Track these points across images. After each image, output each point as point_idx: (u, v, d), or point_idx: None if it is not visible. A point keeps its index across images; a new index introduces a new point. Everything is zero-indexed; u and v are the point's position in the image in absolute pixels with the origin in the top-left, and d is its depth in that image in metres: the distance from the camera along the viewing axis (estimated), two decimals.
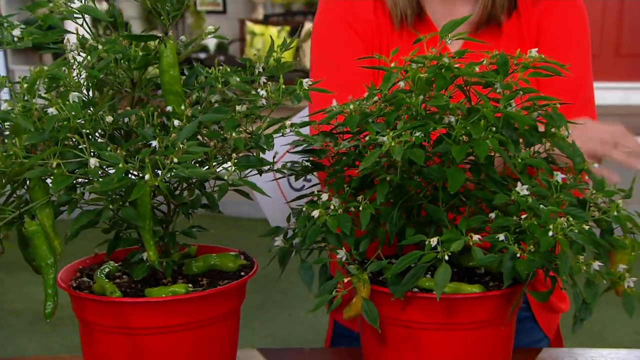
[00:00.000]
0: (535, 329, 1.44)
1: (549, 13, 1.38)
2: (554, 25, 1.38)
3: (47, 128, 0.77)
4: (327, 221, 0.88)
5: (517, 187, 0.86)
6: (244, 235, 4.09)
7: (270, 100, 0.90)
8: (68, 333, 3.90)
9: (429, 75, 0.89)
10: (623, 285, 0.87)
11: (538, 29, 1.38)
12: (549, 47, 1.30)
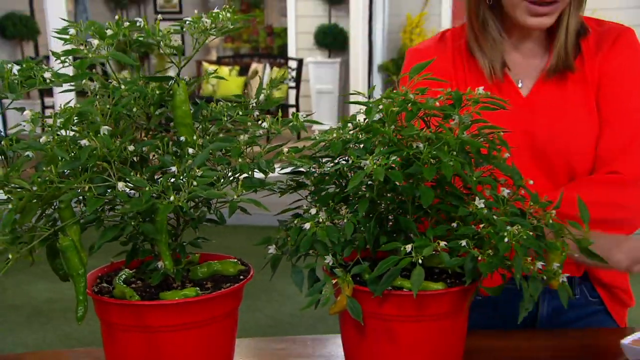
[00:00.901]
0: (608, 321, 1.42)
1: (611, 57, 1.34)
2: (616, 72, 1.34)
3: (83, 157, 0.77)
4: (317, 232, 0.89)
5: (475, 201, 0.89)
6: (239, 242, 4.05)
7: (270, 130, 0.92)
8: (60, 324, 3.83)
9: (399, 108, 0.91)
10: (558, 280, 0.90)
11: (600, 72, 1.35)
12: (608, 94, 1.33)
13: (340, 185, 0.98)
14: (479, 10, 1.34)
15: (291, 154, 0.90)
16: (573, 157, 1.32)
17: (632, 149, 1.29)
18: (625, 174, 1.29)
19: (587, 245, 0.93)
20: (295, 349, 1.23)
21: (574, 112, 1.33)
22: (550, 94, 1.35)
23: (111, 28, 0.85)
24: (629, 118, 1.31)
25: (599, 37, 1.35)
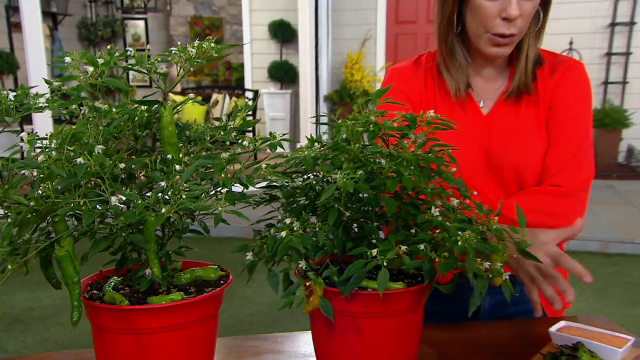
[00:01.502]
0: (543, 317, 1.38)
1: (561, 86, 1.36)
2: (565, 99, 1.36)
3: (79, 173, 0.73)
4: (293, 240, 0.87)
5: (430, 209, 0.89)
6: (218, 251, 4.02)
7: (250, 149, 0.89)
8: (38, 330, 3.68)
9: (362, 129, 0.90)
10: (500, 278, 0.90)
11: (552, 97, 1.36)
12: (557, 117, 1.35)
13: (310, 197, 0.96)
14: (448, 38, 1.34)
15: (269, 169, 0.88)
16: (523, 170, 1.34)
17: (572, 166, 1.31)
18: (565, 187, 1.30)
19: (525, 247, 0.94)
20: (267, 346, 1.19)
21: (526, 131, 1.35)
22: (507, 113, 1.36)
23: (102, 57, 0.82)
24: (573, 139, 1.33)
25: (553, 66, 1.37)
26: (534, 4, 1.24)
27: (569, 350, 1.04)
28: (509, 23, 1.23)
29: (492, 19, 1.24)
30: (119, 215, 0.74)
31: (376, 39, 8.59)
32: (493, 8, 1.23)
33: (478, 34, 1.29)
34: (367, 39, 8.56)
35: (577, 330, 1.13)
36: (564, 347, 1.05)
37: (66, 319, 3.79)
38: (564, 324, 1.16)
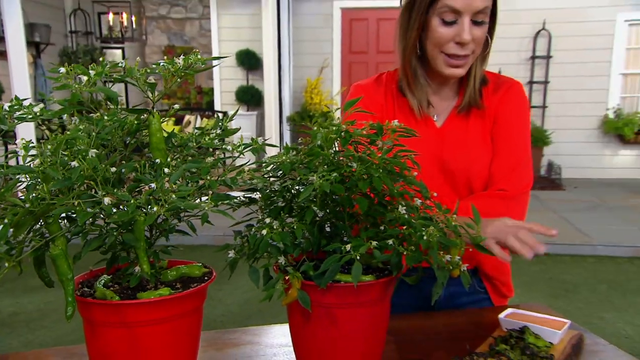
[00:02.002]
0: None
1: (504, 103, 1.38)
2: (507, 114, 1.37)
3: (74, 176, 0.69)
4: (273, 237, 0.84)
5: (398, 208, 0.87)
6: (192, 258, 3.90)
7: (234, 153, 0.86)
8: (23, 333, 3.53)
9: (335, 136, 0.88)
10: (458, 269, 0.89)
11: (496, 113, 1.37)
12: (501, 130, 1.37)
13: (287, 199, 0.94)
14: (411, 60, 1.34)
15: (251, 172, 0.85)
16: (472, 176, 1.34)
17: (515, 173, 1.33)
18: (510, 191, 1.32)
19: (479, 242, 0.93)
20: (245, 338, 1.16)
21: (474, 142, 1.36)
22: (457, 126, 1.37)
23: (94, 69, 0.78)
24: (515, 149, 1.35)
25: (496, 86, 1.39)
26: (483, 31, 1.26)
27: (516, 334, 1.04)
28: (462, 47, 1.25)
29: (447, 43, 1.26)
30: (112, 215, 0.70)
31: (332, 67, 8.64)
32: (448, 33, 1.25)
33: (435, 56, 1.29)
34: (324, 67, 8.60)
35: (522, 316, 1.14)
36: (512, 331, 1.05)
37: (50, 322, 3.65)
38: (511, 310, 1.16)
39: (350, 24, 8.54)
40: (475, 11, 1.22)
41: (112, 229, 0.80)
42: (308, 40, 8.59)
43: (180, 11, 9.15)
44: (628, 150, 8.52)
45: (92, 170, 0.72)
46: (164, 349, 0.84)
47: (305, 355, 0.95)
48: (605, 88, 8.40)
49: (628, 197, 7.28)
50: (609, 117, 8.39)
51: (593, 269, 4.76)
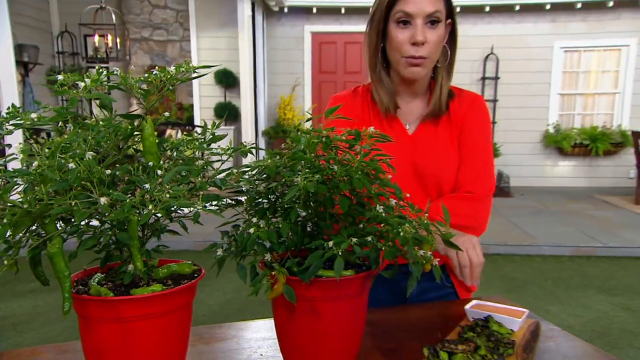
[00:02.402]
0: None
1: (469, 115, 1.39)
2: (472, 125, 1.38)
3: (72, 177, 0.66)
4: (260, 235, 0.82)
5: (376, 207, 0.86)
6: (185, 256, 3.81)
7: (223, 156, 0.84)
8: (11, 336, 3.41)
9: (317, 140, 0.87)
10: (429, 264, 0.88)
11: (462, 123, 1.38)
12: (467, 140, 1.37)
13: (271, 200, 0.92)
14: (375, 67, 1.36)
15: (239, 174, 0.83)
16: (441, 179, 1.35)
17: (480, 177, 1.35)
18: (477, 194, 1.33)
19: (449, 238, 0.92)
20: (230, 332, 1.13)
21: (443, 148, 1.37)
22: (427, 133, 1.37)
23: (90, 77, 0.75)
24: (480, 156, 1.37)
25: (461, 99, 1.40)
26: (438, 34, 1.27)
27: (482, 322, 1.04)
28: (417, 47, 1.27)
29: (404, 45, 1.28)
30: (109, 214, 0.67)
31: (304, 86, 8.65)
32: (404, 36, 1.27)
33: (397, 60, 1.31)
34: (296, 85, 8.60)
35: (485, 307, 1.14)
36: (478, 320, 1.05)
37: (37, 325, 3.51)
38: (475, 302, 1.16)
39: (320, 46, 8.58)
40: (427, 14, 1.25)
41: (106, 229, 0.76)
42: (281, 60, 8.59)
43: (162, 34, 9.03)
44: (566, 162, 8.73)
45: (88, 172, 0.69)
46: (156, 343, 0.81)
47: (289, 346, 0.93)
48: (546, 106, 8.62)
49: (567, 202, 7.45)
50: (549, 132, 8.60)
51: (539, 267, 4.84)
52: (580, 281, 4.44)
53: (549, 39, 8.43)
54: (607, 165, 8.67)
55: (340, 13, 8.30)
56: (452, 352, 0.88)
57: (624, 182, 8.59)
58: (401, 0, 1.26)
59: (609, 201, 7.49)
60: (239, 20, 7.20)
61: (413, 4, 1.24)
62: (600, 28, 8.35)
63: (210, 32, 8.32)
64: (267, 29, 8.47)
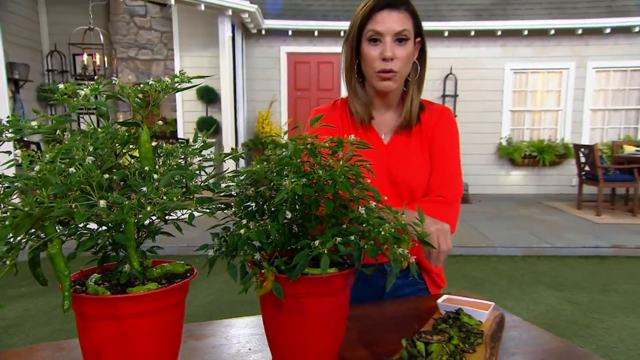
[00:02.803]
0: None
1: (438, 126, 1.39)
2: (441, 135, 1.39)
3: (73, 181, 0.64)
4: (251, 236, 0.81)
5: (358, 209, 0.86)
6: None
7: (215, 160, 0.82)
8: (3, 338, 3.27)
9: (303, 147, 0.86)
10: (407, 261, 0.88)
11: (432, 135, 1.39)
12: (437, 149, 1.38)
13: (259, 204, 0.91)
14: (351, 81, 1.37)
15: (231, 178, 0.81)
16: (413, 186, 1.35)
17: (450, 183, 1.36)
18: (447, 197, 1.34)
19: (425, 237, 0.92)
20: (219, 329, 1.11)
21: (415, 157, 1.37)
22: (401, 143, 1.37)
23: (88, 87, 0.73)
24: (449, 164, 1.38)
25: (431, 111, 1.41)
26: (406, 51, 1.29)
27: (453, 315, 1.04)
28: (387, 62, 1.28)
29: (375, 60, 1.29)
30: (109, 215, 0.65)
31: (280, 102, 8.65)
32: (375, 52, 1.29)
33: (370, 75, 1.32)
34: (273, 101, 8.59)
35: (456, 301, 1.15)
36: (449, 313, 1.05)
37: (28, 328, 3.38)
38: (446, 297, 1.17)
39: (295, 66, 8.60)
40: (395, 32, 1.26)
41: (104, 231, 0.74)
42: (259, 78, 8.57)
43: (147, 53, 8.91)
44: (517, 171, 8.93)
45: (87, 176, 0.67)
46: (152, 339, 0.78)
47: (277, 340, 0.91)
48: (499, 121, 8.81)
49: (518, 208, 7.60)
50: (502, 145, 8.79)
51: (495, 267, 4.91)
52: (531, 278, 4.52)
53: (500, 61, 8.64)
54: (552, 174, 8.89)
55: (313, 35, 8.34)
56: (428, 342, 0.88)
57: (567, 190, 8.83)
58: (372, 21, 1.28)
59: (554, 206, 7.68)
60: (220, 41, 7.17)
61: (382, 24, 1.26)
62: (544, 52, 8.60)
63: (193, 52, 8.25)
64: (246, 49, 8.44)
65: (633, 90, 8.74)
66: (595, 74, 8.66)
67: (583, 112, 8.76)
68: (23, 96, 8.16)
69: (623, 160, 7.18)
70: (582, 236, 5.67)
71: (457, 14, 8.36)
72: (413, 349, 0.87)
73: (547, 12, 8.34)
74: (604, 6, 8.35)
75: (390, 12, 1.27)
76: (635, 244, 5.32)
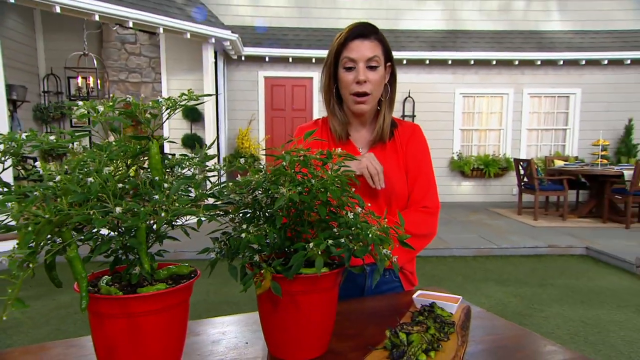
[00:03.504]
0: None
1: (412, 141, 1.39)
2: (416, 150, 1.39)
3: (93, 189, 0.61)
4: (251, 239, 0.79)
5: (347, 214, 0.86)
6: None
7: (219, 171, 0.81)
8: (2, 339, 3.10)
9: (297, 159, 0.86)
10: (389, 261, 0.88)
11: (406, 149, 1.38)
12: (413, 163, 1.37)
13: (256, 210, 0.89)
14: (330, 102, 1.37)
15: (233, 187, 0.80)
16: (390, 195, 1.33)
17: (430, 194, 1.36)
18: (431, 208, 1.34)
19: (405, 239, 0.92)
20: (216, 326, 1.07)
21: (391, 169, 1.36)
22: (378, 157, 1.35)
23: (104, 104, 0.71)
24: (426, 177, 1.38)
25: (403, 128, 1.42)
26: (378, 75, 1.30)
27: (428, 308, 1.05)
28: (360, 85, 1.29)
29: (351, 84, 1.30)
30: (127, 221, 0.62)
31: (258, 120, 8.60)
32: (350, 77, 1.30)
33: (346, 97, 1.34)
34: (252, 120, 8.53)
35: (429, 295, 1.15)
36: (424, 306, 1.06)
37: (26, 329, 3.22)
38: (420, 292, 1.17)
39: (272, 88, 8.59)
40: (367, 58, 1.28)
41: (117, 236, 0.71)
42: (239, 99, 8.52)
43: (136, 76, 8.73)
44: (467, 182, 9.13)
45: (104, 185, 0.64)
46: (161, 335, 0.76)
47: (273, 334, 0.89)
48: (451, 139, 9.00)
49: (469, 214, 7.76)
50: (454, 159, 8.97)
51: (451, 266, 4.98)
52: (482, 275, 4.60)
53: (451, 86, 8.86)
54: (496, 185, 9.12)
55: (288, 62, 8.37)
56: (409, 332, 0.88)
57: (508, 198, 9.07)
58: (346, 49, 1.29)
59: (499, 212, 7.87)
60: (204, 66, 7.10)
61: (355, 52, 1.28)
62: (488, 79, 8.87)
63: (179, 76, 8.14)
64: (227, 73, 8.39)
65: (560, 113, 9.10)
66: (530, 98, 8.98)
67: (521, 131, 9.05)
68: (20, 115, 7.87)
69: (555, 172, 7.45)
70: (523, 238, 5.83)
71: (415, 45, 8.54)
72: (396, 339, 0.87)
73: (489, 46, 8.62)
74: (535, 42, 8.69)
75: (362, 41, 1.29)
76: (566, 244, 5.50)
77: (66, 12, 5.64)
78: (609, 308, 3.70)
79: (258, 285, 0.80)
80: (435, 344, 0.87)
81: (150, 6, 6.33)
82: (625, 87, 8.87)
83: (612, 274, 4.67)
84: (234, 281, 0.82)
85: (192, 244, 1.67)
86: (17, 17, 7.82)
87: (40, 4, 5.38)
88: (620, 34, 8.86)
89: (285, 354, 0.88)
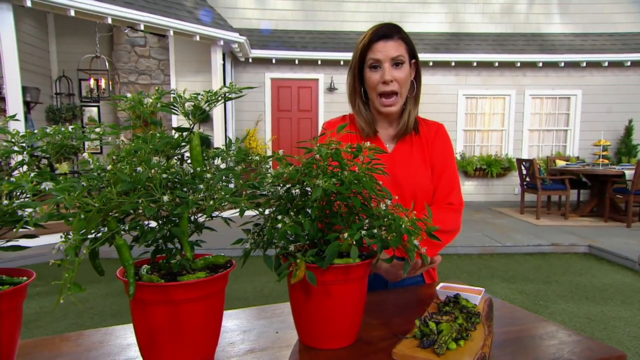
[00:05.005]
0: None
1: (436, 139, 1.39)
2: (442, 148, 1.39)
3: (143, 178, 0.62)
4: (288, 229, 0.80)
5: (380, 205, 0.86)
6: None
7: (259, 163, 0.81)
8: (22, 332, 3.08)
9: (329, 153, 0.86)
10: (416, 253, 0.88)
11: (432, 146, 1.38)
12: (440, 160, 1.37)
13: (288, 201, 0.89)
14: (355, 102, 1.36)
15: (272, 177, 0.80)
16: (415, 189, 1.33)
17: (454, 190, 1.35)
18: (456, 205, 1.34)
19: (433, 230, 0.92)
20: (246, 316, 1.08)
21: (417, 163, 1.36)
22: (404, 151, 1.36)
23: (149, 97, 0.72)
24: (451, 173, 1.37)
25: (428, 126, 1.42)
26: (404, 73, 1.30)
27: (453, 299, 1.05)
28: (387, 84, 1.29)
29: (377, 84, 1.30)
30: (177, 209, 0.63)
31: (265, 121, 8.61)
32: (376, 76, 1.30)
33: (373, 98, 1.33)
34: (259, 121, 8.54)
35: (451, 287, 1.15)
36: (449, 297, 1.06)
37: (46, 323, 3.24)
38: (442, 284, 1.17)
39: (278, 90, 8.60)
40: (391, 58, 1.28)
41: (163, 224, 0.72)
42: (247, 101, 8.53)
43: (146, 78, 8.76)
44: (470, 182, 9.11)
45: (151, 175, 0.65)
46: (200, 322, 0.76)
47: (304, 323, 0.89)
48: (454, 139, 8.98)
49: (473, 213, 7.74)
50: (457, 159, 8.96)
51: (456, 263, 4.97)
52: (487, 273, 4.60)
53: (454, 88, 8.84)
54: (499, 185, 9.10)
55: (294, 63, 8.37)
56: (438, 321, 0.88)
57: (511, 197, 9.04)
58: (371, 50, 1.29)
59: (501, 211, 7.85)
60: (213, 67, 7.13)
61: (380, 52, 1.28)
62: (490, 81, 8.85)
63: (187, 77, 8.16)
64: (235, 75, 8.41)
65: (561, 114, 9.07)
66: (531, 100, 8.96)
67: (522, 132, 9.03)
68: (34, 116, 7.93)
69: (556, 172, 7.42)
70: (526, 236, 5.81)
71: (419, 47, 8.52)
72: (425, 328, 0.87)
73: (492, 48, 8.61)
74: (536, 44, 8.67)
75: (386, 41, 1.29)
76: (569, 242, 5.48)
77: (80, 15, 5.67)
78: (614, 305, 3.69)
79: (293, 275, 0.80)
80: (464, 333, 0.87)
81: (160, 9, 6.35)
82: (625, 89, 8.84)
83: (615, 271, 4.66)
84: (243, 278, 0.82)
85: (219, 237, 1.67)
86: (31, 21, 7.87)
87: (56, 7, 5.41)
88: (620, 37, 8.83)
89: (317, 342, 0.88)
